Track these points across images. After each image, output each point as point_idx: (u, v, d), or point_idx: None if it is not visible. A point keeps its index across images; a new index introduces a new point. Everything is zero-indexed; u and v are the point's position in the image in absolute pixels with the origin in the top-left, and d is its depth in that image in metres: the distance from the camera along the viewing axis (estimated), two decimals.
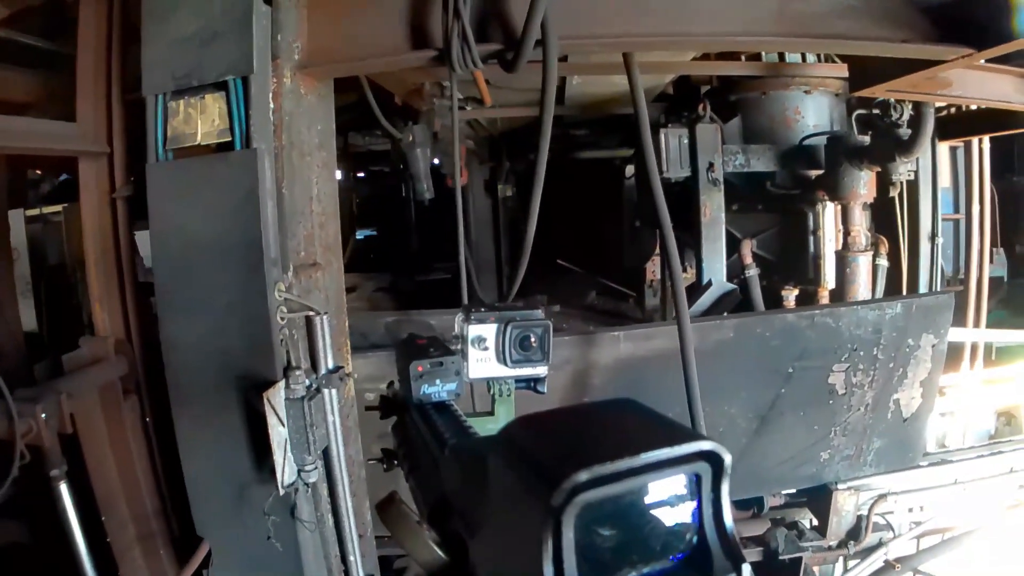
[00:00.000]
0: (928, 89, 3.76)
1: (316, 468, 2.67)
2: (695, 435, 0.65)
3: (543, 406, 0.80)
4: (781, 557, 4.32)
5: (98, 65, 3.11)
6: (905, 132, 4.93)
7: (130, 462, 3.23)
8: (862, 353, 4.18)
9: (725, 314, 5.07)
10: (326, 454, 2.83)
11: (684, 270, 6.18)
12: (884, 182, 5.37)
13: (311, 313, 2.72)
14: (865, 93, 3.74)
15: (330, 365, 2.79)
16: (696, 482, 0.67)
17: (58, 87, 3.44)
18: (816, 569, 4.66)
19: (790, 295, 5.99)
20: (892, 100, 4.94)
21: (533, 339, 1.71)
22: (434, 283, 8.80)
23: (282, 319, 2.63)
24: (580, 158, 7.81)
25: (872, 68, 3.46)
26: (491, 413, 1.85)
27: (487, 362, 1.72)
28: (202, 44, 2.57)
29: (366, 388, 3.35)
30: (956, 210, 6.64)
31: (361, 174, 11.85)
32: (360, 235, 14.85)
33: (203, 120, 2.64)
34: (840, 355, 4.14)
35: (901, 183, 5.39)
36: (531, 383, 1.78)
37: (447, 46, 2.55)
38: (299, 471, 2.63)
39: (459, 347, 1.70)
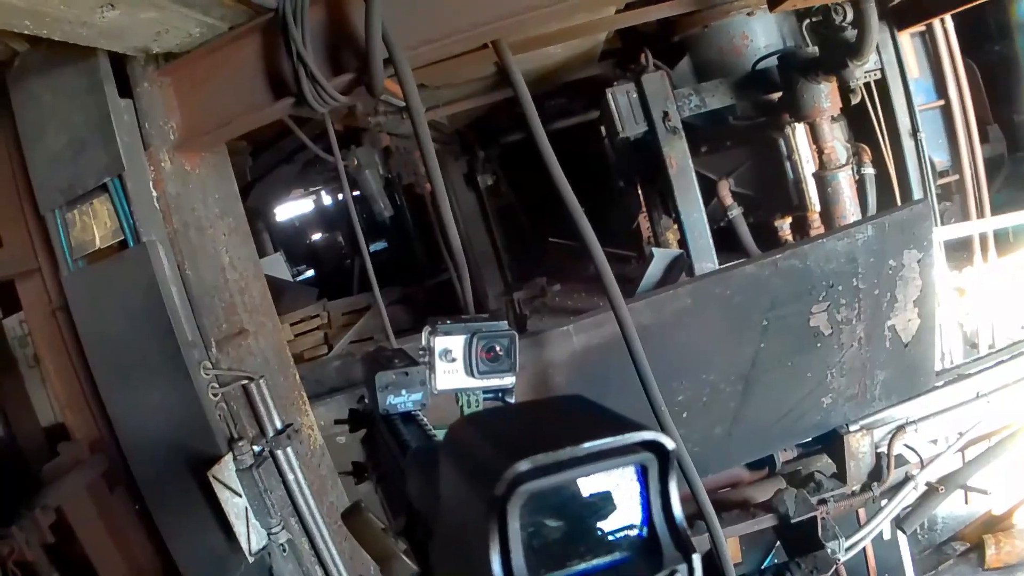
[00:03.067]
0: None
1: (284, 528, 2.85)
2: (638, 426, 0.66)
3: None
4: (794, 520, 4.17)
5: (8, 186, 3.29)
6: (852, 34, 4.89)
7: (132, 549, 3.44)
8: (840, 287, 4.01)
9: (678, 282, 5.01)
10: (297, 511, 3.00)
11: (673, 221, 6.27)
12: (845, 90, 5.32)
13: (245, 381, 2.89)
14: (784, 7, 3.75)
15: (278, 425, 2.96)
16: (643, 473, 0.68)
17: None
18: (861, 515, 4.61)
19: (784, 224, 6.03)
20: (831, 4, 4.91)
21: (499, 349, 1.74)
22: (442, 285, 8.97)
23: (214, 395, 2.80)
24: (554, 130, 7.84)
25: None
26: None
27: (454, 374, 1.74)
28: (75, 152, 2.77)
29: (336, 433, 3.51)
30: (939, 97, 6.49)
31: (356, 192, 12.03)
32: (374, 248, 15.26)
33: (98, 225, 2.84)
34: (816, 295, 3.99)
35: (862, 87, 5.38)
36: (499, 394, 1.80)
37: (299, 90, 2.68)
38: (268, 534, 2.81)
39: (426, 359, 1.72)
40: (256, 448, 2.84)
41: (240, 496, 2.74)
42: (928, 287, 4.17)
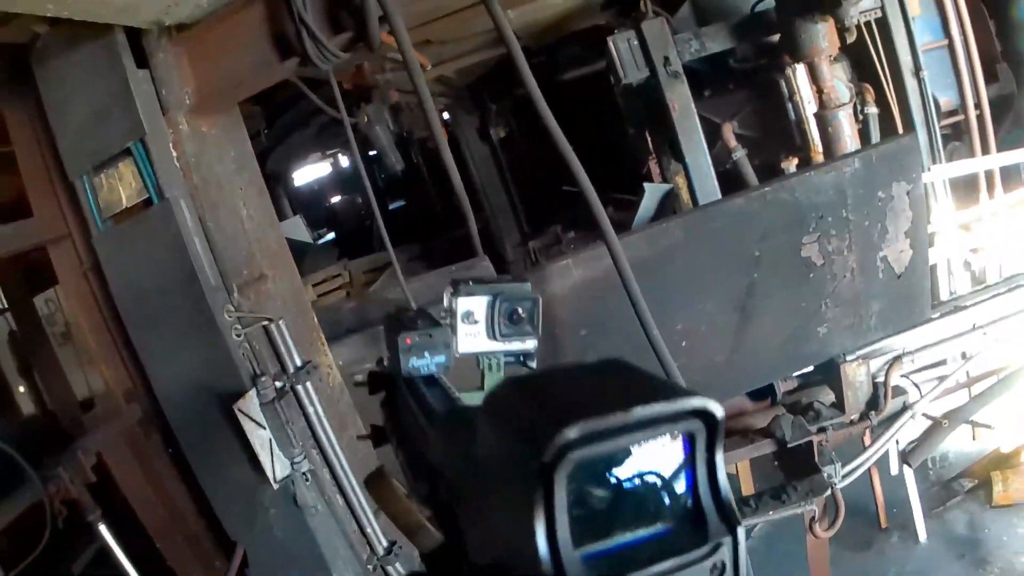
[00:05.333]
0: None
1: (305, 458, 3.22)
2: (689, 392, 0.65)
3: None
4: (790, 445, 4.47)
5: (36, 160, 3.63)
6: None
7: (167, 490, 3.83)
8: (830, 219, 4.23)
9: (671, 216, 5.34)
10: (317, 442, 3.38)
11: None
12: (842, 29, 5.54)
13: (265, 322, 3.24)
14: None
15: (297, 363, 3.32)
16: (690, 442, 0.67)
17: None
18: (870, 440, 4.81)
19: (790, 165, 6.28)
20: None
21: (523, 311, 1.75)
22: (461, 239, 9.27)
23: (238, 335, 3.16)
24: (567, 79, 8.12)
25: None
26: (481, 388, 1.87)
27: (476, 336, 1.76)
28: (99, 121, 3.11)
29: (353, 371, 3.86)
30: (945, 35, 6.58)
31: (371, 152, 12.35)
32: (393, 207, 15.63)
33: (123, 186, 3.18)
34: (807, 225, 4.21)
35: (863, 26, 5.58)
36: (520, 357, 1.82)
37: (303, 49, 3.01)
38: (291, 463, 3.18)
39: (448, 321, 1.75)
40: (278, 384, 3.20)
41: (264, 428, 3.11)
42: (919, 219, 4.38)
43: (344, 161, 18.87)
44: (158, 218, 3.12)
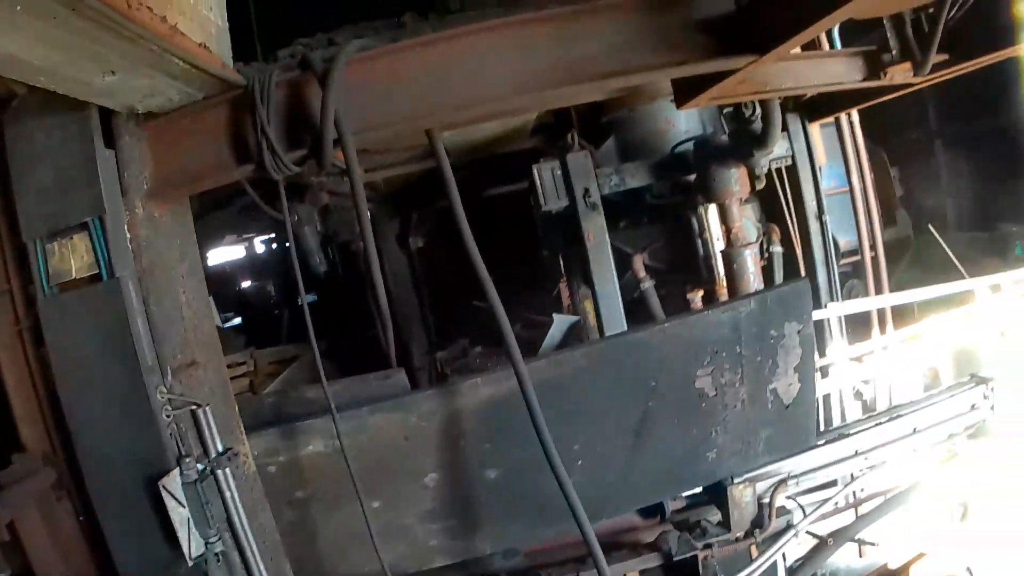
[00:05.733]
0: (748, 91, 4.40)
1: (220, 539, 3.36)
2: None
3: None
4: (676, 558, 4.75)
5: None
6: (759, 127, 5.60)
7: (73, 559, 3.87)
8: (724, 354, 4.48)
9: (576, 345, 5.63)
10: (231, 525, 3.50)
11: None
12: (752, 176, 6.01)
13: (194, 407, 3.40)
14: (691, 106, 4.28)
15: (219, 448, 3.47)
16: None
17: None
18: (763, 556, 5.03)
19: (696, 297, 6.69)
20: (740, 102, 5.56)
21: None
22: (369, 340, 9.41)
23: (168, 416, 3.32)
24: (492, 195, 8.38)
25: (683, 85, 4.10)
26: None
27: None
28: (62, 192, 3.29)
29: (267, 462, 4.00)
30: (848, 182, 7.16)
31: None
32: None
33: (75, 257, 3.35)
34: (701, 359, 4.45)
35: (773, 172, 6.08)
36: None
37: (260, 159, 3.30)
38: (206, 544, 3.31)
39: None
40: (199, 467, 3.35)
41: (184, 507, 3.24)
42: (808, 355, 4.69)
43: (259, 247, 18.90)
44: (106, 294, 3.29)
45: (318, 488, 4.10)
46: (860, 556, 6.38)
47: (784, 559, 5.28)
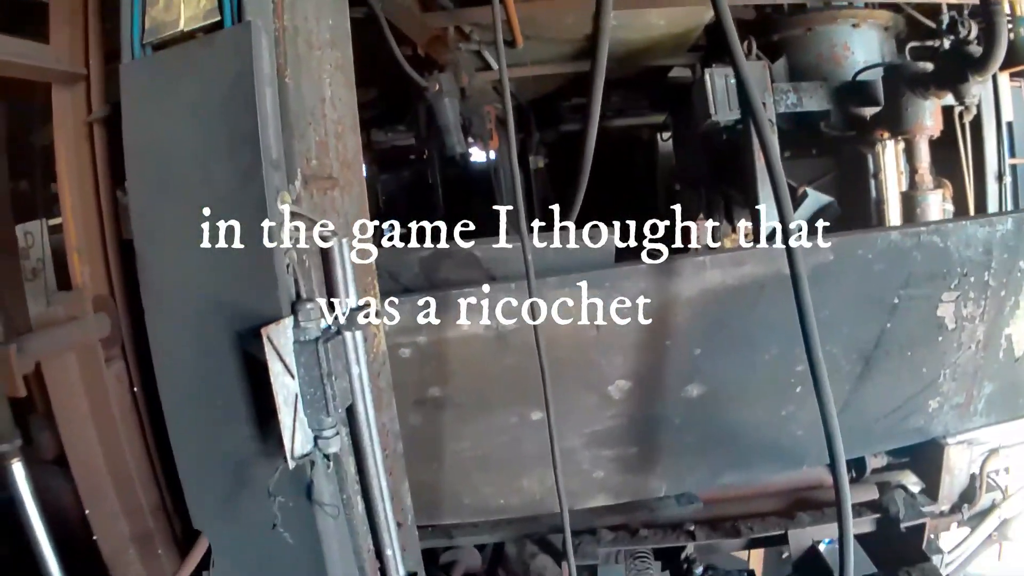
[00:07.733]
0: None
1: (338, 435, 1.89)
2: None
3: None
4: (903, 525, 3.41)
5: None
6: (976, 49, 4.15)
7: (118, 443, 2.48)
8: (973, 279, 3.33)
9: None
10: (351, 417, 2.07)
11: (732, 229, 5.52)
12: (949, 115, 4.70)
13: (329, 233, 1.97)
14: None
15: (354, 302, 2.04)
16: None
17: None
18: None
19: None
20: (958, 18, 4.28)
21: None
22: None
23: (288, 239, 1.86)
24: (610, 127, 7.22)
25: None
26: None
27: None
28: None
29: (399, 343, 2.60)
30: None
31: (384, 176, 11.00)
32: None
33: (187, 2, 1.91)
34: (950, 281, 3.30)
35: (974, 108, 4.78)
36: None
37: None
38: (315, 438, 1.85)
39: None
40: (324, 322, 1.91)
41: (292, 377, 1.80)
42: None
43: None
44: (227, 46, 1.84)
45: (463, 386, 2.70)
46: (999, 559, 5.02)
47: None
